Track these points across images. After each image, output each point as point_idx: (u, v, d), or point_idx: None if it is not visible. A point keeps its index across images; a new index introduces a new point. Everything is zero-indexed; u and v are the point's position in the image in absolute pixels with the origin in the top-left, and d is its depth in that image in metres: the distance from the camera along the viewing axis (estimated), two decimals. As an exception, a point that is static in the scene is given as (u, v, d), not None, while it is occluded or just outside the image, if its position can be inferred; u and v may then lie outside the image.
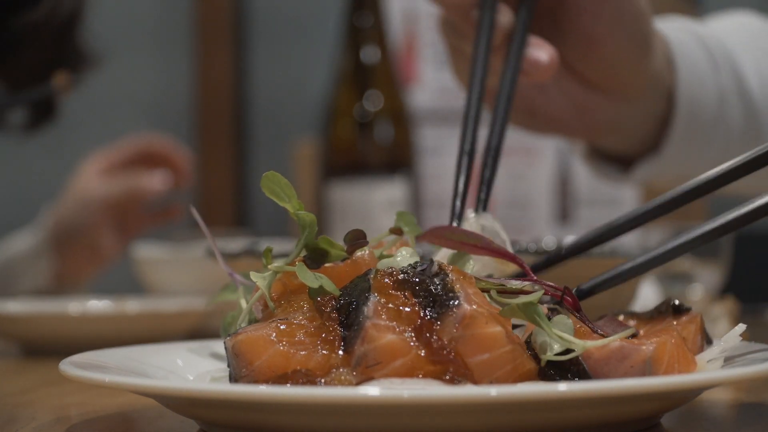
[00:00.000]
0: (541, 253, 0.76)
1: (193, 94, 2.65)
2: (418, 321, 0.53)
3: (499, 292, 0.56)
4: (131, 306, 1.05)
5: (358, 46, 1.59)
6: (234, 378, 0.54)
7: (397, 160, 1.55)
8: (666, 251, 0.62)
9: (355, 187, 1.49)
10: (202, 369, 0.64)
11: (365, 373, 0.52)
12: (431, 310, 0.53)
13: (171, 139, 1.69)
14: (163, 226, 1.64)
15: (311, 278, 0.56)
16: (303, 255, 0.59)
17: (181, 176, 1.60)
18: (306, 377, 0.52)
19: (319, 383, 0.52)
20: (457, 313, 0.52)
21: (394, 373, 0.52)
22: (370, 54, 1.59)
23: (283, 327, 0.54)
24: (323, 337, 0.54)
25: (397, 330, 0.52)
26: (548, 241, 0.80)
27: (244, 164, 2.66)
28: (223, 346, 0.56)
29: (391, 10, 1.67)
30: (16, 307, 1.08)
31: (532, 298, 0.54)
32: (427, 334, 0.52)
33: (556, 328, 0.54)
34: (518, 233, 1.59)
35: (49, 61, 1.35)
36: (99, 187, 1.57)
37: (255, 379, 0.53)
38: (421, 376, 0.52)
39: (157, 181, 1.55)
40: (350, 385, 0.51)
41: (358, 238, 0.59)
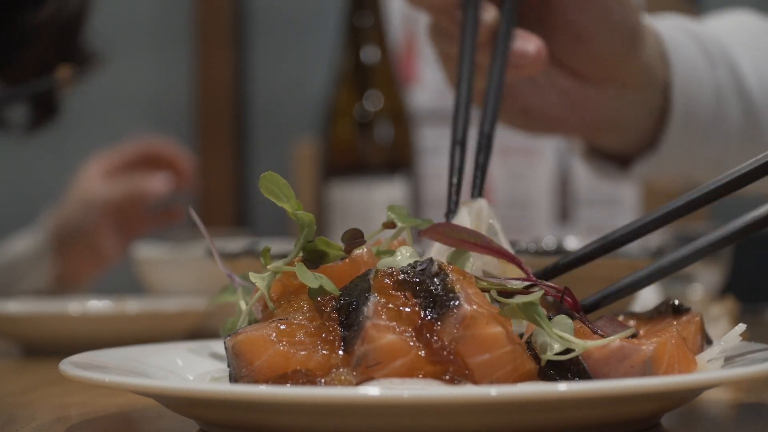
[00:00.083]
0: (541, 253, 0.76)
1: (193, 94, 2.65)
2: (419, 321, 0.53)
3: (499, 293, 0.56)
4: (131, 306, 1.05)
5: (358, 46, 1.59)
6: (234, 378, 0.54)
7: (397, 160, 1.55)
8: (671, 263, 0.62)
9: (355, 187, 1.49)
10: (202, 369, 0.64)
11: (365, 373, 0.52)
12: (431, 311, 0.53)
13: (173, 142, 1.69)
14: (164, 227, 1.64)
15: (311, 278, 0.56)
16: (301, 255, 0.59)
17: (183, 179, 1.60)
18: (306, 377, 0.52)
19: (319, 383, 0.52)
20: (457, 313, 0.52)
21: (395, 373, 0.52)
22: (370, 54, 1.59)
23: (283, 327, 0.54)
24: (323, 337, 0.54)
25: (398, 330, 0.52)
26: (548, 242, 0.80)
27: (244, 164, 2.66)
28: (223, 346, 0.56)
29: (391, 10, 1.67)
30: (16, 307, 1.08)
31: (532, 298, 0.54)
32: (428, 335, 0.52)
33: (556, 328, 0.54)
34: (518, 233, 1.59)
35: (53, 60, 1.34)
36: (101, 189, 1.57)
37: (255, 379, 0.53)
38: (421, 377, 0.52)
39: (159, 184, 1.55)
40: (350, 385, 0.51)
41: (355, 237, 0.59)
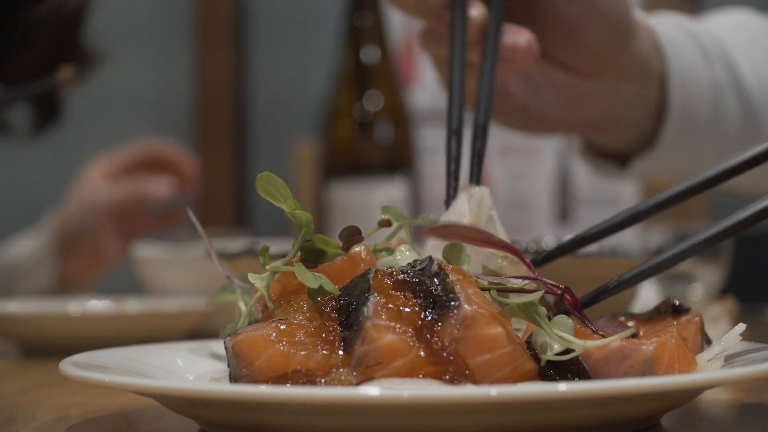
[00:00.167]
0: (541, 253, 0.76)
1: (193, 94, 2.65)
2: (419, 322, 0.53)
3: (499, 291, 0.56)
4: (131, 306, 1.05)
5: (358, 46, 1.59)
6: (234, 378, 0.54)
7: (397, 160, 1.55)
8: (669, 257, 0.62)
9: (355, 187, 1.49)
10: (202, 369, 0.64)
11: (365, 374, 0.52)
12: (431, 311, 0.53)
13: (175, 144, 1.68)
14: (165, 228, 1.64)
15: (310, 278, 0.56)
16: (300, 255, 0.59)
17: (187, 182, 1.60)
18: (306, 377, 0.52)
19: (319, 383, 0.52)
20: (457, 314, 0.52)
21: (395, 374, 0.52)
22: (370, 54, 1.59)
23: (283, 327, 0.54)
24: (323, 337, 0.54)
25: (398, 330, 0.52)
26: (548, 241, 0.80)
27: (244, 164, 2.66)
28: (223, 346, 0.56)
29: (391, 10, 1.67)
30: (16, 307, 1.08)
31: (533, 297, 0.54)
32: (428, 335, 0.52)
33: (556, 328, 0.54)
34: (518, 233, 1.59)
35: (54, 60, 1.34)
36: (104, 192, 1.56)
37: (255, 379, 0.53)
38: (421, 377, 0.52)
39: (162, 187, 1.55)
40: (350, 385, 0.51)
41: (353, 234, 0.59)
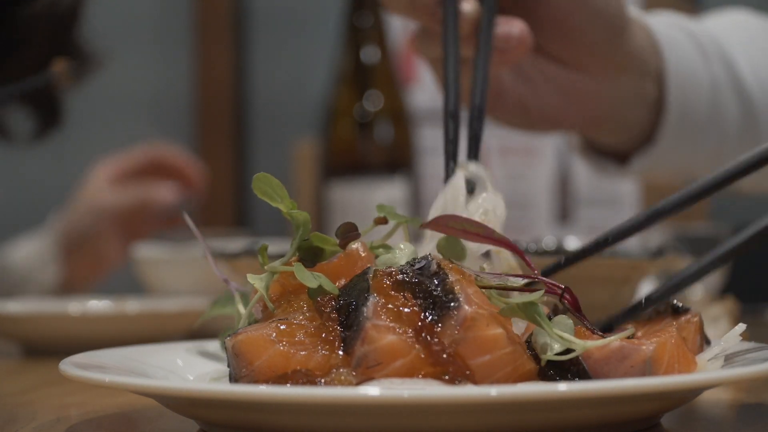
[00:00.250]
0: (541, 254, 0.76)
1: (193, 93, 2.65)
2: (419, 323, 0.53)
3: (499, 291, 0.56)
4: (131, 306, 1.05)
5: (358, 46, 1.59)
6: (234, 378, 0.54)
7: (397, 160, 1.55)
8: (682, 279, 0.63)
9: (355, 187, 1.49)
10: (202, 369, 0.64)
11: (365, 374, 0.52)
12: (431, 312, 0.53)
13: (182, 150, 1.68)
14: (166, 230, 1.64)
15: (309, 278, 0.56)
16: (298, 255, 0.59)
17: (193, 189, 1.60)
18: (306, 377, 0.52)
19: (319, 383, 0.52)
20: (457, 315, 0.52)
21: (395, 374, 0.52)
22: (370, 54, 1.59)
23: (283, 327, 0.54)
24: (323, 337, 0.54)
25: (398, 331, 0.52)
26: (548, 241, 0.80)
27: (244, 164, 2.66)
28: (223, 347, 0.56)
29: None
30: (16, 307, 1.08)
31: (533, 297, 0.54)
32: (428, 336, 0.52)
33: (557, 328, 0.54)
34: (518, 233, 1.59)
35: (49, 57, 1.34)
36: (110, 197, 1.56)
37: (255, 379, 0.53)
38: (421, 377, 0.52)
39: (168, 193, 1.55)
40: (350, 386, 0.51)
41: (349, 231, 0.59)
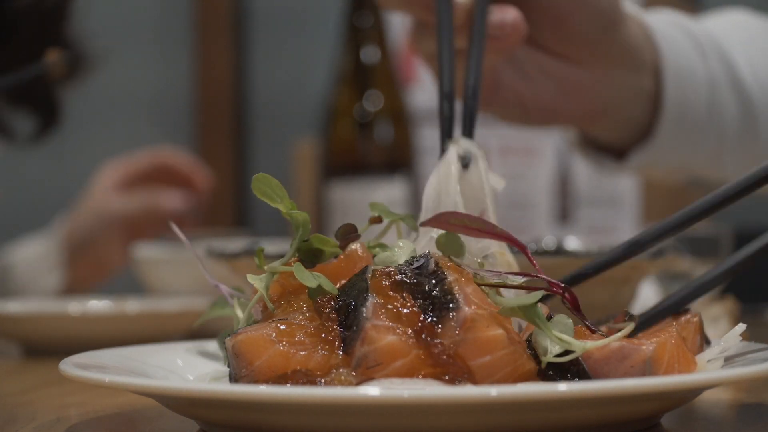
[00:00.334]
0: (541, 253, 0.76)
1: (194, 93, 2.65)
2: (418, 324, 0.53)
3: (498, 290, 0.56)
4: (131, 306, 1.04)
5: (358, 46, 1.59)
6: (234, 378, 0.54)
7: (397, 160, 1.55)
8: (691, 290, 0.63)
9: (355, 187, 1.49)
10: (202, 369, 0.64)
11: (365, 374, 0.52)
12: (431, 313, 0.53)
13: (188, 155, 1.68)
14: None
15: (309, 278, 0.56)
16: (298, 255, 0.59)
17: (200, 195, 1.60)
18: (306, 377, 0.52)
19: (319, 383, 0.52)
20: (457, 316, 0.52)
21: (395, 374, 0.51)
22: (370, 54, 1.59)
23: (283, 327, 0.54)
24: (323, 337, 0.54)
25: (398, 331, 0.52)
26: (548, 241, 0.80)
27: (244, 164, 2.66)
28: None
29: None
30: (16, 307, 1.08)
31: (531, 300, 0.54)
32: (428, 337, 0.52)
33: (556, 328, 0.54)
34: (518, 233, 1.58)
35: (39, 53, 1.33)
36: (116, 203, 1.55)
37: (255, 379, 0.53)
38: (421, 377, 0.52)
39: (175, 201, 1.54)
40: (350, 386, 0.51)
41: (349, 232, 0.59)
